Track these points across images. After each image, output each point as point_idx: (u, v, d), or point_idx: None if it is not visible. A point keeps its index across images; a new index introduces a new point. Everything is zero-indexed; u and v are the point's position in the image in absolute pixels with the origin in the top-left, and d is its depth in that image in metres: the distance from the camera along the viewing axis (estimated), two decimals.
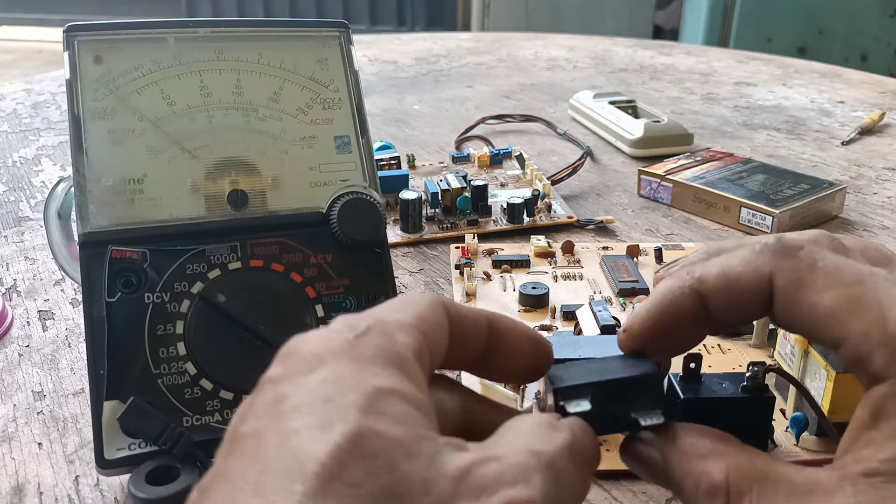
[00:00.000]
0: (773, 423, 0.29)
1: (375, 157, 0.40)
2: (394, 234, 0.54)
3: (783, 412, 0.35)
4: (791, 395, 0.35)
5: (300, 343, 0.20)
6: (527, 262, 0.49)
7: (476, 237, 0.52)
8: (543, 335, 0.24)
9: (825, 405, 0.31)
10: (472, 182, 0.57)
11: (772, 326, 0.40)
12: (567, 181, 0.63)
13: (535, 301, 0.44)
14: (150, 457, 0.30)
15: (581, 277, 0.48)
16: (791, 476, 0.20)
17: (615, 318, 0.39)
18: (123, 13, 3.54)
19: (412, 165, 0.66)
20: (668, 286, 0.23)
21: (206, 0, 3.43)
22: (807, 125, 0.82)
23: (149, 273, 0.32)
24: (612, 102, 0.79)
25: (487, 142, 0.74)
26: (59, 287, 0.48)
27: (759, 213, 0.55)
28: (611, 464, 0.32)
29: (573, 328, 0.41)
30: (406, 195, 0.54)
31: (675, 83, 1.00)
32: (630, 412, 0.22)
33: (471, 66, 1.09)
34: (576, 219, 0.56)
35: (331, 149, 0.36)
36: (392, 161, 0.61)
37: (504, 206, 0.56)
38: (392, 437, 0.17)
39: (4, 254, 0.53)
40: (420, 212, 0.55)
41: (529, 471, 0.18)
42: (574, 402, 0.22)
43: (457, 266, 0.49)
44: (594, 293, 0.46)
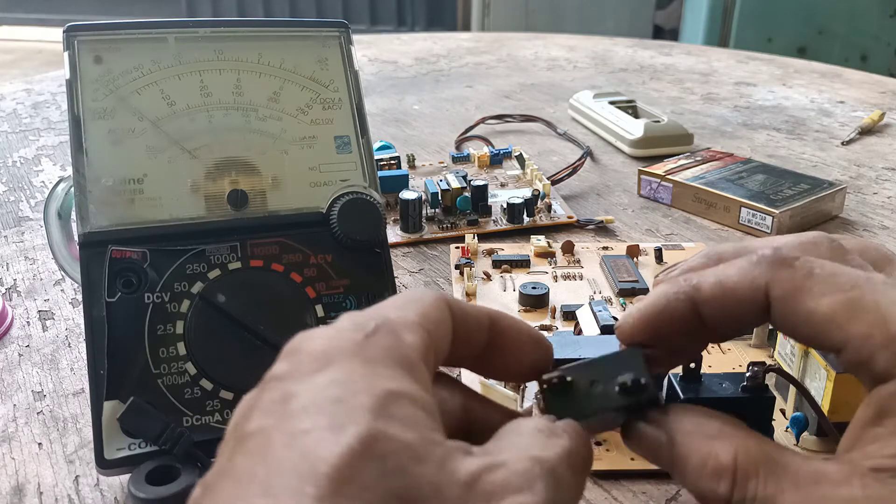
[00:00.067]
0: (773, 423, 0.29)
1: (375, 157, 0.40)
2: (394, 234, 0.54)
3: (783, 412, 0.35)
4: (791, 395, 0.35)
5: (306, 340, 0.19)
6: (527, 262, 0.49)
7: (476, 237, 0.52)
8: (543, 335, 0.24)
9: (825, 405, 0.31)
10: (472, 182, 0.57)
11: (772, 327, 0.40)
12: (567, 181, 0.63)
13: (535, 301, 0.44)
14: (150, 457, 0.30)
15: (581, 277, 0.48)
16: (799, 464, 0.20)
17: (615, 318, 0.39)
18: (123, 13, 3.54)
19: (412, 165, 0.66)
20: (664, 290, 0.23)
21: (206, 0, 3.43)
22: (807, 125, 0.82)
23: (149, 273, 0.32)
24: (612, 102, 0.79)
25: (487, 142, 0.74)
26: (59, 287, 0.48)
27: (759, 213, 0.55)
28: (611, 464, 0.32)
29: (573, 328, 0.41)
30: (406, 195, 0.54)
31: (675, 83, 1.00)
32: (616, 389, 0.22)
33: (471, 66, 1.09)
34: (576, 219, 0.56)
35: (331, 149, 0.36)
36: (392, 161, 0.61)
37: (504, 206, 0.56)
38: (403, 441, 0.17)
39: (4, 254, 0.53)
40: (420, 212, 0.55)
41: (533, 478, 0.18)
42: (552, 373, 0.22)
43: (457, 266, 0.49)
44: (594, 293, 0.46)
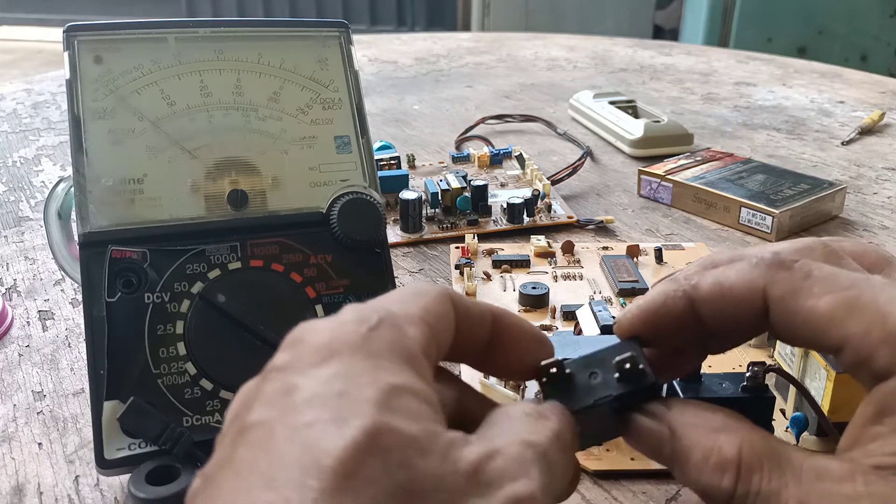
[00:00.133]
0: (773, 423, 0.29)
1: (375, 157, 0.40)
2: (394, 234, 0.54)
3: (783, 412, 0.35)
4: (791, 395, 0.35)
5: (309, 331, 0.19)
6: (527, 262, 0.49)
7: (476, 237, 0.52)
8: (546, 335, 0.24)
9: (825, 405, 0.31)
10: (472, 182, 0.57)
11: (770, 334, 0.40)
12: (567, 181, 0.63)
13: (535, 301, 0.44)
14: (150, 457, 0.30)
15: (581, 277, 0.48)
16: (802, 459, 0.20)
17: (615, 318, 0.39)
18: (123, 13, 3.54)
19: (412, 165, 0.66)
20: (663, 288, 0.23)
21: (206, 0, 3.43)
22: (807, 125, 0.82)
23: (149, 273, 0.32)
24: (612, 102, 0.79)
25: (487, 142, 0.74)
26: (59, 287, 0.48)
27: (759, 213, 0.55)
28: (611, 464, 0.32)
29: (573, 328, 0.41)
30: (406, 195, 0.54)
31: (675, 83, 1.00)
32: (615, 376, 0.22)
33: (471, 66, 1.09)
34: (576, 219, 0.56)
35: (331, 149, 0.36)
36: (392, 161, 0.61)
37: (504, 206, 0.56)
38: (407, 434, 0.17)
39: (4, 254, 0.53)
40: (420, 212, 0.55)
41: (527, 463, 0.18)
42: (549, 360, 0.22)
43: (457, 266, 0.49)
44: (594, 293, 0.46)
